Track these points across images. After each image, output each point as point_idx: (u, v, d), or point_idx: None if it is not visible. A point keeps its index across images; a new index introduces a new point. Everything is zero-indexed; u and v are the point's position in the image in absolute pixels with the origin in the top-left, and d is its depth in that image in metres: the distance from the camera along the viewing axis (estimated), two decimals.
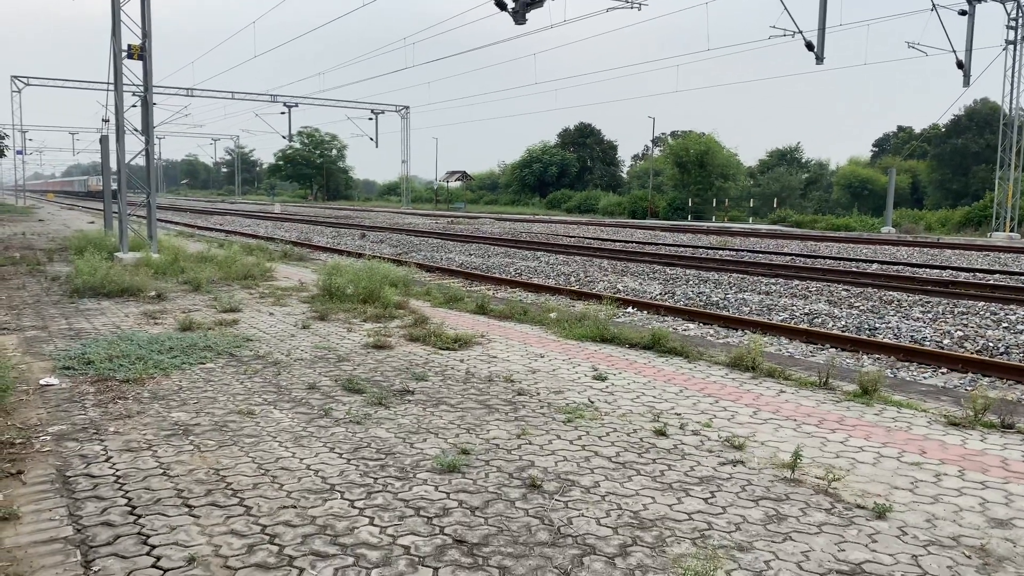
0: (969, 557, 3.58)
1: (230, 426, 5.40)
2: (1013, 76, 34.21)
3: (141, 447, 4.94)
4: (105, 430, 5.27)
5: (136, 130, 17.10)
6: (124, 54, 16.22)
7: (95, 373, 6.80)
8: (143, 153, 17.09)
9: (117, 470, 4.53)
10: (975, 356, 8.96)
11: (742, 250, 25.20)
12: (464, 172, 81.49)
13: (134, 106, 17.68)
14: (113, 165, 17.53)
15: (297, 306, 11.00)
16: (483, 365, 7.42)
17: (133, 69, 16.69)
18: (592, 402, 6.14)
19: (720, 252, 24.26)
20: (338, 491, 4.25)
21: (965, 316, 11.86)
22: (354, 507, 4.04)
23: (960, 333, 10.51)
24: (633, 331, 8.88)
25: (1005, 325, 11.17)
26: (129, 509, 3.97)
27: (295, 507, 4.03)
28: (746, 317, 11.77)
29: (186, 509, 3.98)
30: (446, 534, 3.73)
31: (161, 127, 71.34)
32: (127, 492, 4.19)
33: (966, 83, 33.45)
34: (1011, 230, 34.68)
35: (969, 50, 32.97)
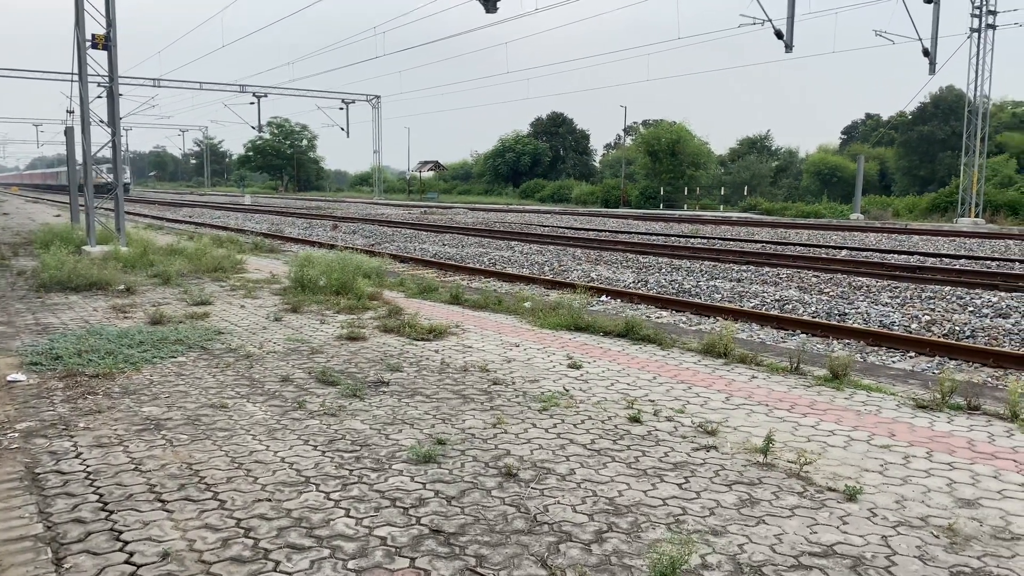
0: (937, 537, 3.65)
1: (203, 420, 5.35)
2: (978, 64, 34.70)
3: (112, 443, 4.88)
4: (75, 426, 5.20)
5: (102, 121, 16.81)
6: (88, 44, 15.91)
7: (64, 368, 6.70)
8: (110, 145, 16.81)
9: (88, 466, 4.47)
10: (942, 340, 9.11)
11: (714, 238, 25.37)
12: (437, 162, 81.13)
13: (99, 97, 17.36)
14: (79, 157, 17.24)
15: (269, 298, 10.90)
16: (458, 355, 7.41)
17: (98, 59, 16.40)
18: (567, 390, 6.16)
19: (692, 240, 24.42)
20: (313, 483, 4.23)
21: (932, 301, 12.05)
22: (329, 499, 4.02)
23: (928, 317, 10.68)
24: (607, 319, 8.92)
25: (971, 309, 11.36)
26: (100, 505, 3.92)
27: (270, 500, 4.00)
28: (718, 304, 11.86)
29: (159, 504, 3.94)
30: (423, 524, 3.73)
31: (128, 118, 70.18)
32: (98, 488, 4.14)
33: (932, 71, 33.85)
34: (976, 216, 35.26)
35: (935, 38, 33.36)
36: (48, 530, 3.66)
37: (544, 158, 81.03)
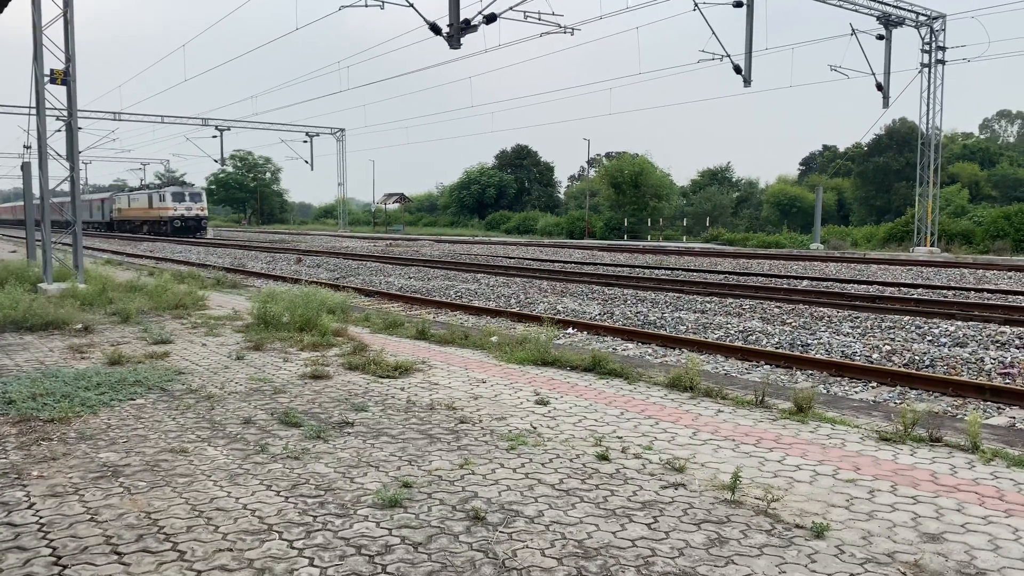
0: (904, 574, 3.67)
1: (162, 466, 5.22)
2: (929, 97, 35.77)
3: (67, 491, 4.73)
4: (28, 474, 5.04)
5: (60, 156, 16.57)
6: (47, 79, 15.72)
7: (17, 413, 6.50)
8: (68, 180, 16.55)
9: (41, 517, 4.32)
10: (902, 370, 9.25)
11: (677, 268, 25.63)
12: (402, 194, 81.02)
13: (58, 131, 17.14)
14: (36, 192, 16.93)
15: (231, 336, 10.74)
16: (424, 393, 7.34)
17: (57, 93, 16.20)
18: (535, 428, 6.12)
19: (656, 271, 24.62)
20: (276, 531, 4.13)
21: (892, 330, 12.26)
22: (293, 547, 3.93)
23: (888, 347, 10.85)
24: (574, 353, 8.91)
25: (929, 339, 11.57)
26: (54, 559, 3.79)
27: (231, 550, 3.90)
28: (683, 336, 11.94)
29: (115, 557, 3.82)
30: (388, 572, 3.66)
31: (87, 152, 69.21)
32: (52, 541, 4.00)
33: (885, 104, 34.91)
34: (931, 245, 36.11)
35: (887, 73, 34.42)
36: None
37: (509, 190, 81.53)
